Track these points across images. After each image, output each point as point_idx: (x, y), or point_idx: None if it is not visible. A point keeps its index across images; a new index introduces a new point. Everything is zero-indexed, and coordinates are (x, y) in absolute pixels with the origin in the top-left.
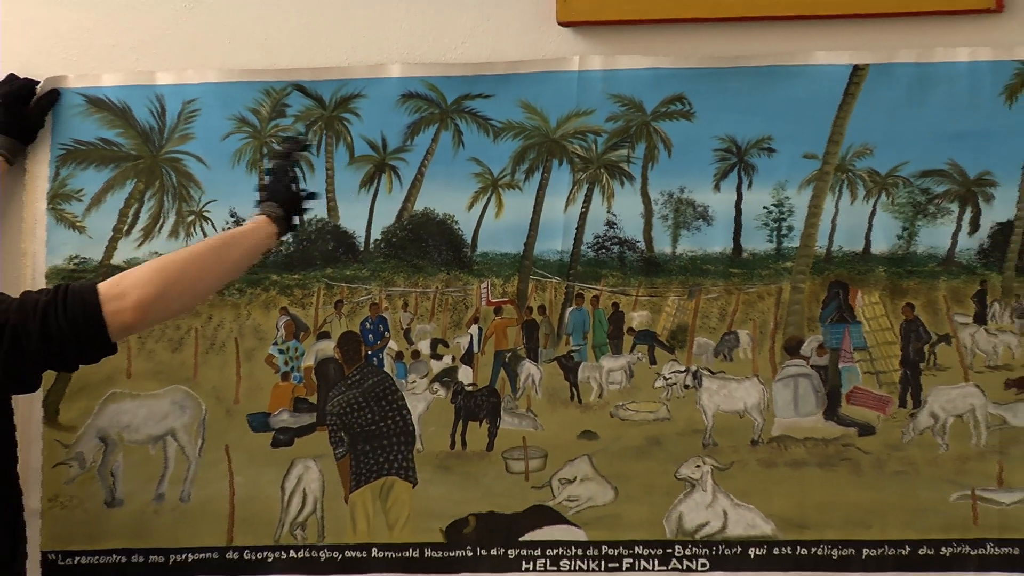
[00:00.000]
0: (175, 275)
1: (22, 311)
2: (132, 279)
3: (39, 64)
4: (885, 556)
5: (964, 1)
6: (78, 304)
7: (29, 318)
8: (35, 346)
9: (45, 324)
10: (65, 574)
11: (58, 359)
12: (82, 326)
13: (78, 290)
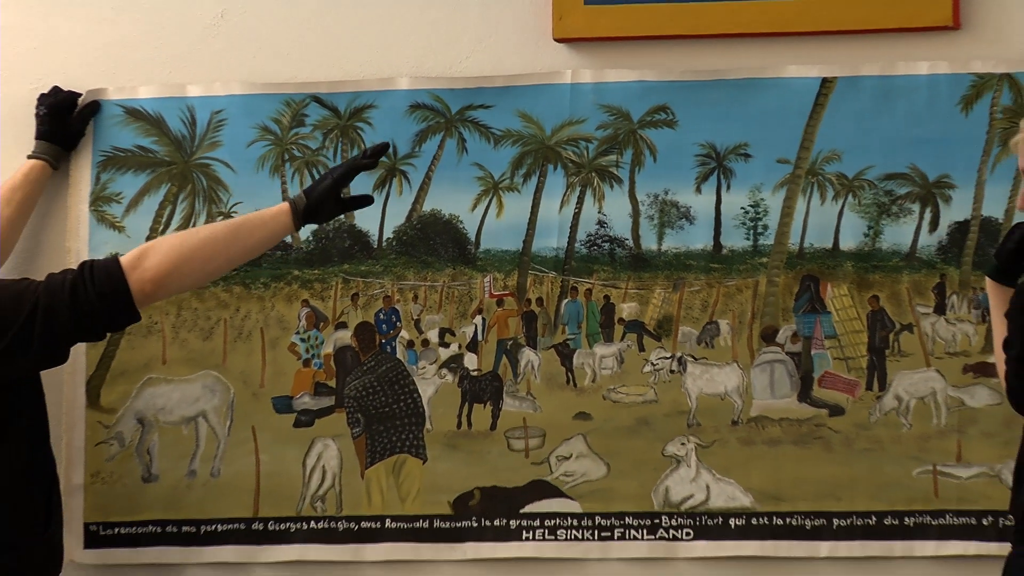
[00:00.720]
0: (191, 252)
1: (50, 291)
2: (151, 253)
3: (81, 77)
4: (854, 525)
5: (923, 19)
6: (104, 277)
7: (57, 295)
8: (65, 320)
9: (75, 298)
10: (106, 543)
11: (88, 330)
12: (110, 296)
13: (103, 264)
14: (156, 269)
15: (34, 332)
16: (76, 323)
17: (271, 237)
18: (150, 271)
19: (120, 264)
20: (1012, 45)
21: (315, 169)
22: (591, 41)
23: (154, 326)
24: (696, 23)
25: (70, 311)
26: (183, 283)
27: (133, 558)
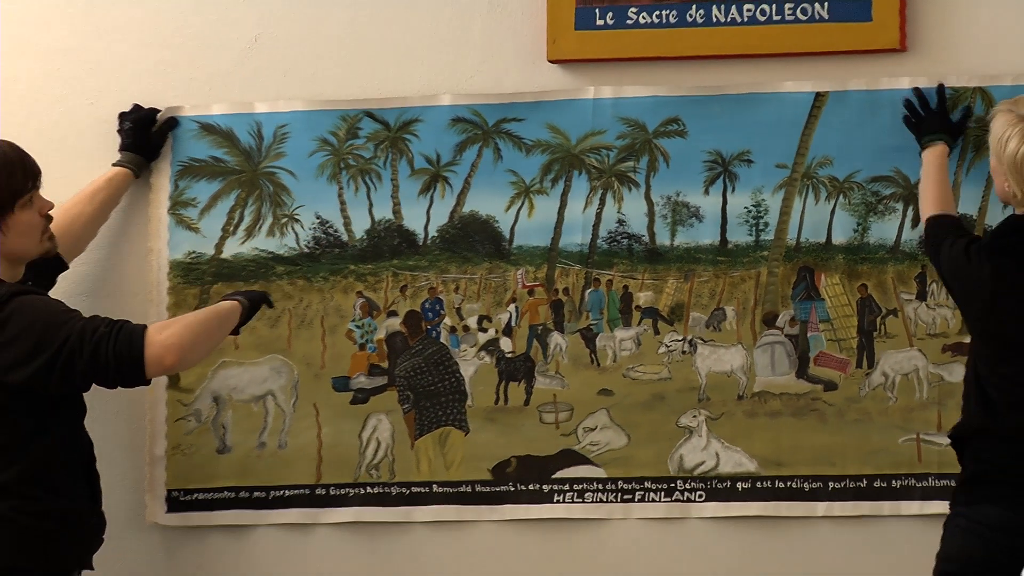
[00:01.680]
0: (197, 337)
1: (82, 335)
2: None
3: (160, 95)
4: (846, 488)
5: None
6: (126, 344)
7: (85, 342)
8: (82, 369)
9: (96, 352)
10: (186, 507)
11: (100, 380)
12: (125, 362)
13: (129, 330)
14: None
15: (55, 368)
16: (90, 374)
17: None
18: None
19: (144, 337)
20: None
21: (368, 176)
22: (580, 62)
23: None
24: (673, 47)
25: (87, 363)
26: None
27: (209, 520)
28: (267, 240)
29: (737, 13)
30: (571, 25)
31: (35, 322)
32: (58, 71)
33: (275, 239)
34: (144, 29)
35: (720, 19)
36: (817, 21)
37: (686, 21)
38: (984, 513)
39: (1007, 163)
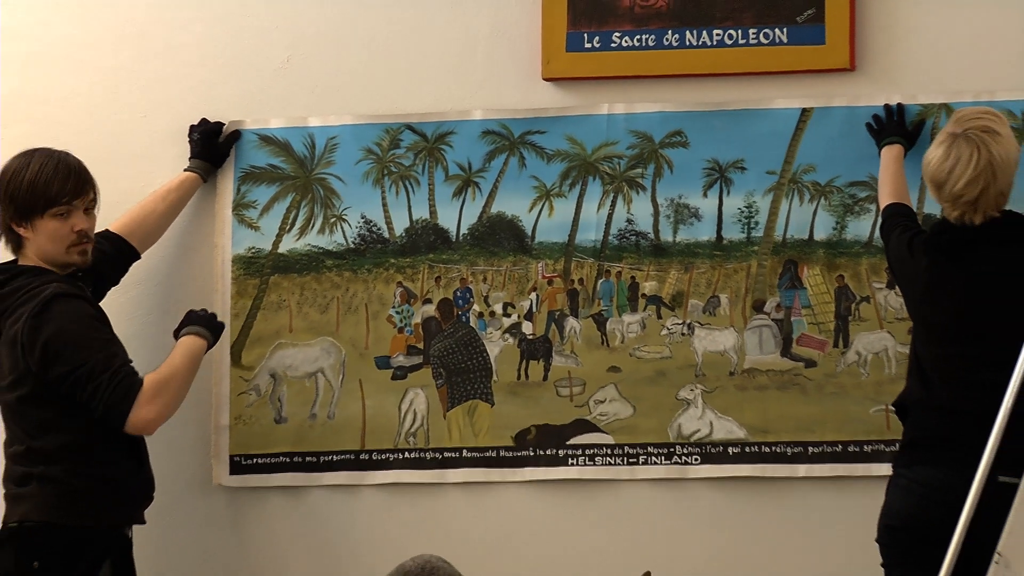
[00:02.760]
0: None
1: (95, 371)
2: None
3: (225, 111)
4: (824, 452)
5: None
6: (117, 401)
7: (91, 379)
8: (82, 397)
9: (93, 394)
10: (246, 471)
11: (89, 408)
12: (112, 414)
13: (125, 391)
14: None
15: (63, 385)
16: (85, 405)
17: (198, 367)
18: (152, 410)
19: (135, 400)
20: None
21: (407, 181)
22: (571, 80)
23: (283, 303)
24: (651, 67)
25: (87, 398)
26: (169, 412)
27: (267, 482)
28: (318, 237)
29: (708, 37)
30: (563, 47)
31: (70, 333)
32: (115, 88)
33: (325, 236)
34: (191, 52)
35: (693, 43)
36: (777, 44)
37: (663, 44)
38: (922, 474)
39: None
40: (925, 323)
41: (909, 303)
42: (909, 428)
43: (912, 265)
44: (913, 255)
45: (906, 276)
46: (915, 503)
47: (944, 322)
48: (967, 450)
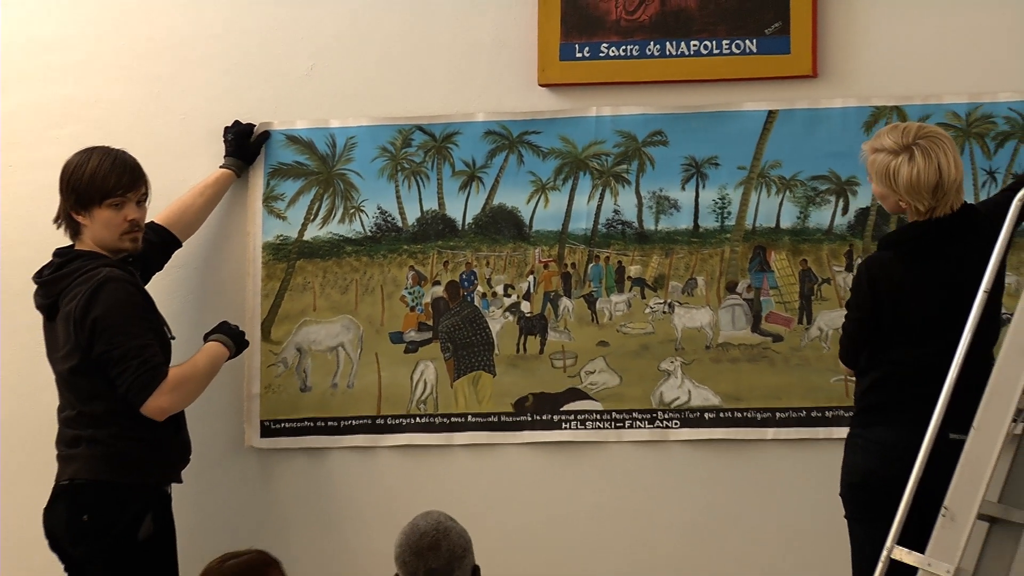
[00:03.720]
0: (191, 396)
1: (125, 356)
2: (169, 400)
3: (256, 114)
4: (790, 417)
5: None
6: (138, 388)
7: (127, 358)
8: (112, 375)
9: (120, 375)
10: (275, 434)
11: (115, 385)
12: (131, 397)
13: (148, 379)
14: (170, 404)
15: (101, 363)
16: (112, 379)
17: (220, 366)
18: (167, 400)
19: (155, 389)
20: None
21: (418, 176)
22: (564, 86)
23: (307, 285)
24: (635, 74)
25: (114, 377)
26: (187, 401)
27: (294, 444)
28: (339, 226)
29: (685, 48)
30: (556, 57)
31: (114, 316)
32: (158, 94)
33: (345, 225)
34: (225, 61)
35: (672, 52)
36: (748, 54)
37: (645, 54)
38: (877, 434)
39: (906, 191)
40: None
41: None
42: (867, 394)
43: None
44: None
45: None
46: (873, 461)
47: (909, 303)
48: (919, 412)
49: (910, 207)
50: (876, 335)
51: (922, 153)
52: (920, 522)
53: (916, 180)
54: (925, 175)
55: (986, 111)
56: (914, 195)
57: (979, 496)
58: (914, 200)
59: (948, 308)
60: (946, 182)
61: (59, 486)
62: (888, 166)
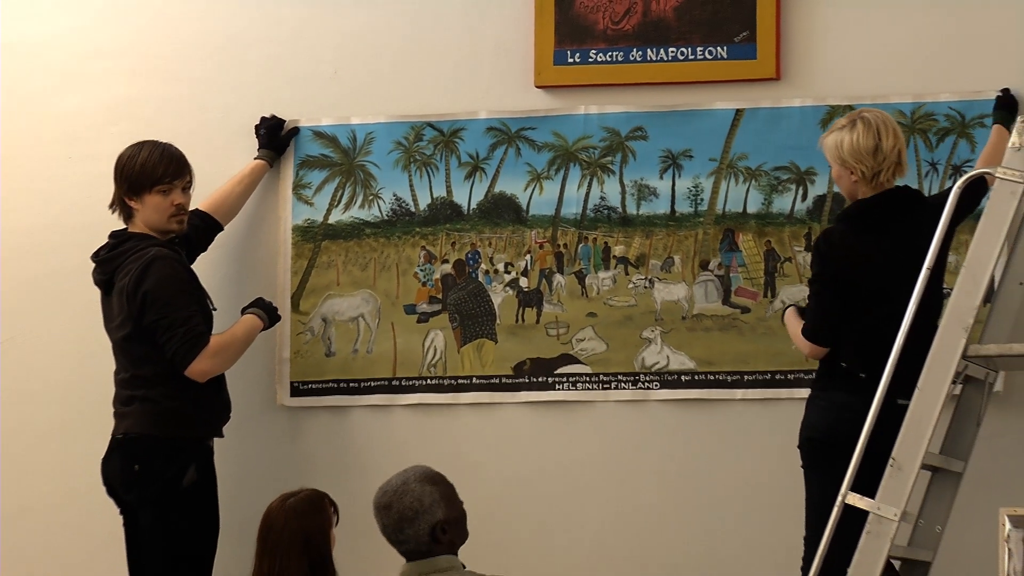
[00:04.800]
0: (229, 362)
1: (172, 325)
2: (209, 364)
3: (286, 112)
4: (756, 379)
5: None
6: (183, 354)
7: (174, 326)
8: (162, 339)
9: (167, 342)
10: (303, 394)
11: (163, 351)
12: (176, 362)
13: (191, 345)
14: (211, 367)
15: (151, 331)
16: (160, 346)
17: (255, 336)
18: (208, 364)
19: (198, 355)
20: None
21: (429, 167)
22: (557, 87)
23: (331, 263)
24: (621, 77)
25: (162, 340)
26: (226, 366)
27: (320, 403)
28: (360, 211)
29: (664, 54)
30: (551, 61)
31: (162, 289)
32: (200, 94)
33: (365, 210)
34: (259, 65)
35: (653, 58)
36: (719, 60)
37: (629, 59)
38: (835, 396)
39: (849, 156)
40: (843, 281)
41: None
42: (823, 359)
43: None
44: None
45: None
46: (830, 420)
47: (860, 278)
48: (871, 377)
49: (858, 175)
50: (838, 303)
51: (864, 123)
52: (869, 475)
53: (858, 144)
54: (864, 140)
55: (928, 109)
56: (857, 158)
57: (923, 448)
58: (858, 164)
59: (893, 278)
60: (884, 146)
61: (114, 440)
62: (837, 140)
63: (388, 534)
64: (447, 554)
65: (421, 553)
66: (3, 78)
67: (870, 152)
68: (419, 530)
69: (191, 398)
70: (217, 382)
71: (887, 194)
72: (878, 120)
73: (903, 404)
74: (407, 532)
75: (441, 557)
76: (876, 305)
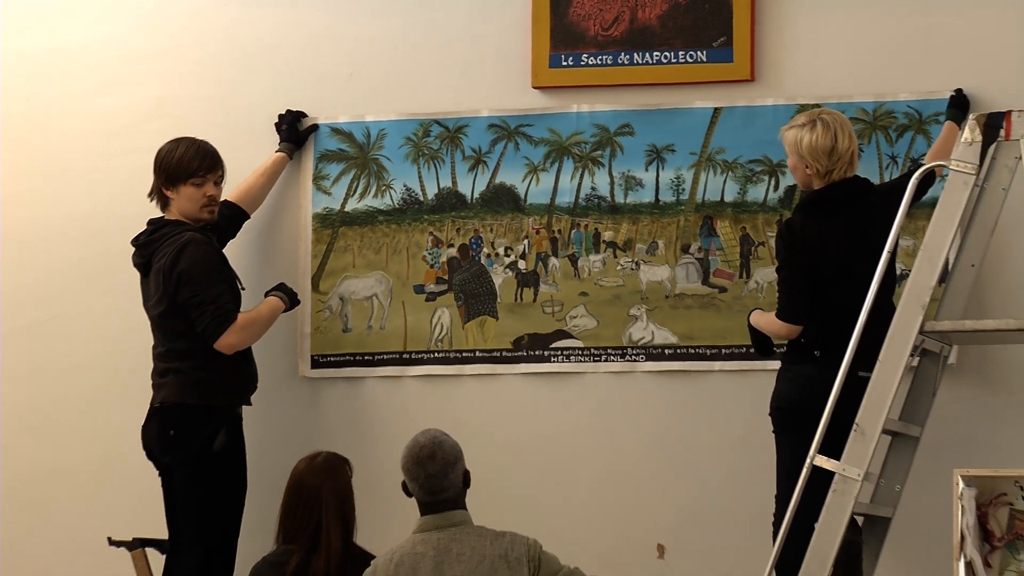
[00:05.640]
0: (254, 337)
1: (203, 303)
2: (236, 338)
3: (306, 110)
4: (733, 353)
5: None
6: (213, 329)
7: (205, 303)
8: (194, 315)
9: (202, 313)
10: (323, 366)
11: (195, 326)
12: (207, 336)
13: (220, 322)
14: (238, 341)
15: (184, 308)
16: (192, 321)
17: (277, 316)
18: (235, 338)
19: (225, 330)
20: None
21: (435, 160)
22: (552, 88)
23: (348, 247)
24: (611, 79)
25: (195, 315)
26: (251, 341)
27: (337, 374)
28: (373, 200)
29: (649, 57)
30: (546, 64)
31: (194, 271)
32: (228, 95)
33: (378, 199)
34: (282, 68)
35: (639, 62)
36: (699, 63)
37: (617, 63)
38: (802, 369)
39: (807, 153)
40: (807, 262)
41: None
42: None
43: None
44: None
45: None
46: (798, 391)
47: (823, 260)
48: (836, 350)
49: (812, 170)
50: (808, 284)
51: (823, 124)
52: (833, 441)
53: (815, 144)
54: (822, 140)
55: (888, 108)
56: (814, 156)
57: (884, 415)
58: (814, 161)
59: (847, 260)
60: (840, 148)
61: (152, 408)
62: (796, 136)
63: (431, 484)
64: (462, 509)
65: (451, 502)
66: (52, 79)
67: (826, 152)
68: (457, 477)
69: (221, 369)
70: (245, 355)
71: (839, 184)
72: (836, 123)
73: (864, 376)
74: (450, 478)
75: (455, 512)
76: (833, 285)
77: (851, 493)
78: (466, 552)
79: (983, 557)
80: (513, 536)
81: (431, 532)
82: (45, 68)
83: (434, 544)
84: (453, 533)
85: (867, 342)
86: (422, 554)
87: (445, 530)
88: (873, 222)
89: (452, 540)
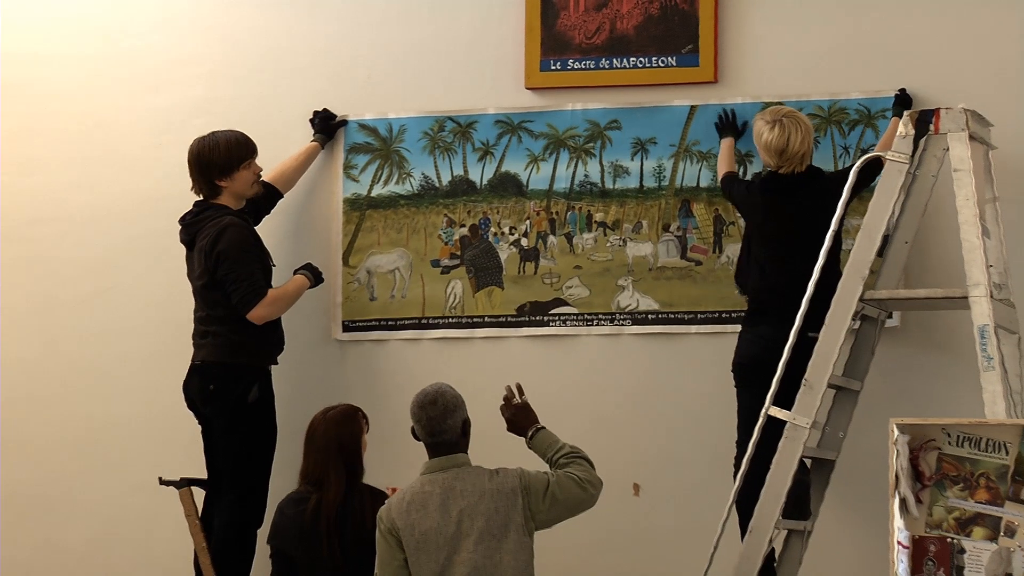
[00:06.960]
0: (281, 310)
1: (238, 280)
2: (265, 311)
3: (335, 109)
4: (708, 317)
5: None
6: (245, 303)
7: (240, 279)
8: (229, 288)
9: (236, 287)
10: (352, 330)
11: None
12: (240, 308)
13: (253, 296)
14: (267, 314)
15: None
16: (227, 294)
17: (303, 292)
18: (264, 311)
19: (257, 303)
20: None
21: (449, 152)
22: (543, 88)
23: (374, 227)
24: (594, 80)
25: (229, 289)
26: (279, 313)
27: (364, 337)
28: (396, 186)
29: (626, 62)
30: (538, 68)
31: (232, 251)
32: (265, 94)
33: (400, 186)
34: (312, 71)
35: (619, 66)
36: (669, 67)
37: (599, 67)
38: (761, 331)
39: (762, 148)
40: (764, 237)
41: (752, 225)
42: (752, 301)
43: (751, 200)
44: (750, 194)
45: (749, 207)
46: (756, 349)
47: (777, 235)
48: (789, 315)
49: (764, 161)
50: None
51: (781, 127)
52: (786, 393)
53: (770, 143)
54: (777, 141)
55: (841, 105)
56: (767, 152)
57: (829, 371)
58: (766, 156)
59: (795, 236)
60: (790, 150)
61: (193, 366)
62: (759, 129)
63: (432, 426)
64: (463, 452)
65: (450, 446)
66: (106, 80)
67: (778, 152)
68: (456, 422)
69: (253, 334)
70: (273, 322)
71: (789, 175)
72: (793, 126)
73: (813, 337)
74: (448, 423)
75: (459, 454)
76: (786, 258)
77: (800, 439)
78: (468, 489)
79: (915, 494)
80: (504, 471)
81: (436, 473)
82: (106, 70)
83: (440, 483)
84: (456, 473)
85: (816, 306)
86: (430, 492)
87: (448, 470)
88: (820, 206)
89: (455, 479)
